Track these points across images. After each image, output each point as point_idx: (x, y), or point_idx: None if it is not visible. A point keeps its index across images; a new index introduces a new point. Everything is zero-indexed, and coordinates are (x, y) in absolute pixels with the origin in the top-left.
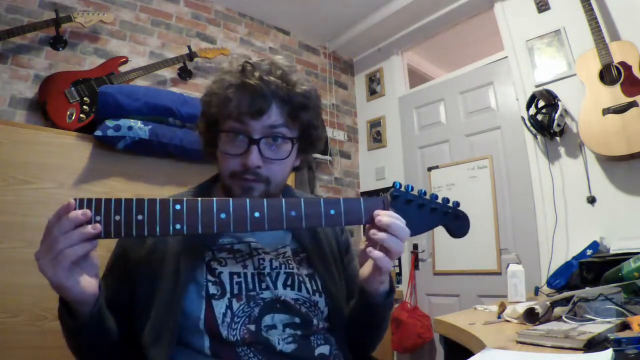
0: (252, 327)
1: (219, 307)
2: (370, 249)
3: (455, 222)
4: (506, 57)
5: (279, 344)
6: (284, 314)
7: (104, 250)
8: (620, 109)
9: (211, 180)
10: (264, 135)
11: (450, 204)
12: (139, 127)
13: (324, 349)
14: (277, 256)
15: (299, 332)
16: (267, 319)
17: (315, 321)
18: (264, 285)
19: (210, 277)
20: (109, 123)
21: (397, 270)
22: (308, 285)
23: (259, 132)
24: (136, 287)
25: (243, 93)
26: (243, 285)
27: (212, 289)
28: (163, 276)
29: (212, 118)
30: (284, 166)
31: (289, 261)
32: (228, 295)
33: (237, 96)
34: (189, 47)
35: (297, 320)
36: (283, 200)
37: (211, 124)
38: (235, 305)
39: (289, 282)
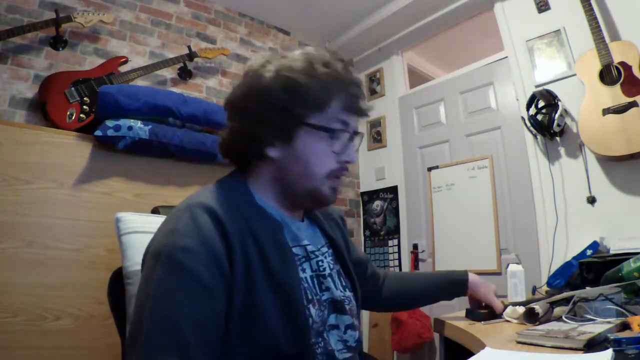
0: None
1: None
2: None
3: None
4: (506, 57)
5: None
6: (342, 315)
7: (102, 249)
8: (620, 109)
9: (239, 190)
10: (357, 132)
11: None
12: (139, 127)
13: None
14: (325, 256)
15: (352, 338)
16: (332, 319)
17: (356, 321)
18: (323, 287)
19: None
20: (109, 123)
21: (397, 271)
22: (344, 282)
23: (354, 129)
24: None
25: (358, 89)
26: (308, 290)
27: None
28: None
29: (298, 111)
30: None
31: (333, 260)
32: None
33: (353, 92)
34: (189, 47)
35: (348, 320)
36: None
37: (291, 118)
38: (313, 311)
39: (342, 282)
